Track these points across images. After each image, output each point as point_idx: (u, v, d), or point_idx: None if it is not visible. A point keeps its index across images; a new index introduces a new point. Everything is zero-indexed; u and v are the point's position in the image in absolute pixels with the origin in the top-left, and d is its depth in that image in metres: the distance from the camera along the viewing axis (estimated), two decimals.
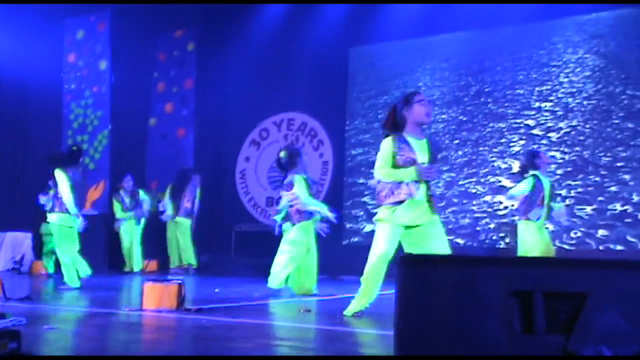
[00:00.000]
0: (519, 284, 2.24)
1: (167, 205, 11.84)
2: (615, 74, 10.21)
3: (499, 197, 10.67)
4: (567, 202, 10.02)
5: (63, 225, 8.07)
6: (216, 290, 8.04)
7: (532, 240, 7.94)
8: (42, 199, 9.08)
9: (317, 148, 12.64)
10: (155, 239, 12.06)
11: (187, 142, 13.08)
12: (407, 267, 2.44)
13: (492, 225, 10.70)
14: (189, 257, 11.77)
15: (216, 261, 12.50)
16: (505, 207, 10.57)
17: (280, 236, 8.14)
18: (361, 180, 12.05)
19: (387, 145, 5.29)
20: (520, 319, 2.22)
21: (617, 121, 10.06)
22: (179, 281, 5.83)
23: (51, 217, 8.14)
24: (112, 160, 12.29)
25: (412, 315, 2.39)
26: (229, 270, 11.61)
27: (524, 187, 8.05)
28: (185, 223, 11.81)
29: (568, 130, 10.39)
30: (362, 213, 11.93)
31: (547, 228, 8.27)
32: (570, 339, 2.14)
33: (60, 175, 8.06)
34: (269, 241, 11.76)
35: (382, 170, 5.30)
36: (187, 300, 5.81)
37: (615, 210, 9.81)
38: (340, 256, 10.21)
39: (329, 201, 8.54)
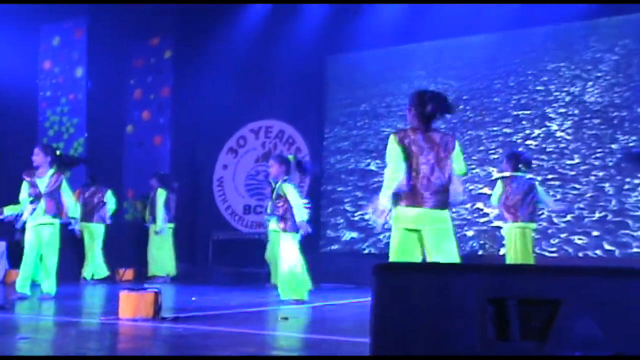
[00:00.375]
0: (494, 292, 2.25)
1: (159, 215, 11.48)
2: (589, 82, 10.29)
3: (478, 204, 10.70)
4: (546, 209, 10.06)
5: (60, 231, 7.96)
6: (193, 299, 7.97)
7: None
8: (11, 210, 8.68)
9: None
10: (130, 246, 11.93)
11: (164, 149, 13.00)
12: (382, 274, 2.44)
13: (471, 233, 10.72)
14: (171, 265, 11.61)
15: (193, 269, 12.41)
16: (486, 215, 10.60)
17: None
18: (340, 188, 12.03)
19: None
20: (495, 326, 2.22)
21: (593, 129, 10.13)
22: (156, 290, 5.77)
23: (56, 221, 7.89)
24: (88, 168, 12.16)
25: (388, 322, 2.38)
26: (206, 279, 11.54)
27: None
28: (170, 230, 11.66)
29: (545, 137, 10.45)
30: (342, 221, 11.90)
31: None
32: (544, 345, 2.14)
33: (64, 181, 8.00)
34: (247, 249, 11.76)
35: None
36: (163, 308, 5.74)
37: (593, 217, 9.86)
38: (319, 264, 10.18)
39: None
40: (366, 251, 11.51)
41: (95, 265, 11.04)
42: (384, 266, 2.49)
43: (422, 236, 4.89)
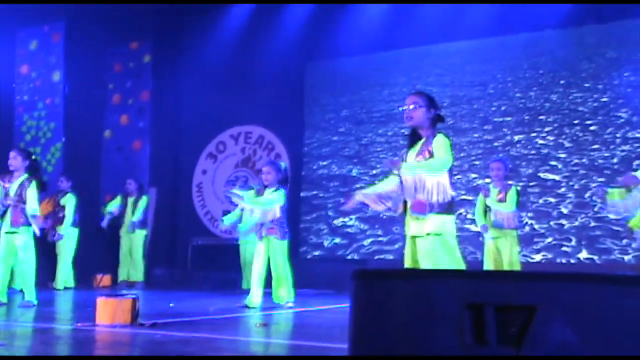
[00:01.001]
0: (472, 297, 2.25)
1: (138, 215, 11.43)
2: (568, 89, 10.34)
3: (460, 211, 10.69)
4: (529, 214, 10.08)
5: (33, 237, 7.71)
6: (171, 305, 7.88)
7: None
8: None
9: None
10: (108, 252, 11.81)
11: (143, 154, 12.89)
12: (361, 280, 2.45)
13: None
14: (140, 272, 11.49)
15: (172, 275, 12.32)
16: (468, 221, 10.59)
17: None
18: (322, 194, 11.98)
19: None
20: (473, 332, 2.23)
21: (573, 136, 10.18)
22: (133, 296, 5.69)
23: (28, 228, 7.52)
24: (66, 173, 12.04)
25: (366, 328, 2.39)
26: (184, 285, 11.46)
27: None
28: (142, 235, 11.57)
29: (526, 144, 10.47)
30: (324, 227, 11.85)
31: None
32: (520, 350, 2.15)
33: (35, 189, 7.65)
34: (226, 255, 11.68)
35: None
36: (141, 314, 5.66)
37: (575, 223, 9.88)
38: (301, 270, 10.13)
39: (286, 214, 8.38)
40: (349, 257, 11.48)
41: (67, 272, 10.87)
42: (362, 272, 2.50)
43: None
